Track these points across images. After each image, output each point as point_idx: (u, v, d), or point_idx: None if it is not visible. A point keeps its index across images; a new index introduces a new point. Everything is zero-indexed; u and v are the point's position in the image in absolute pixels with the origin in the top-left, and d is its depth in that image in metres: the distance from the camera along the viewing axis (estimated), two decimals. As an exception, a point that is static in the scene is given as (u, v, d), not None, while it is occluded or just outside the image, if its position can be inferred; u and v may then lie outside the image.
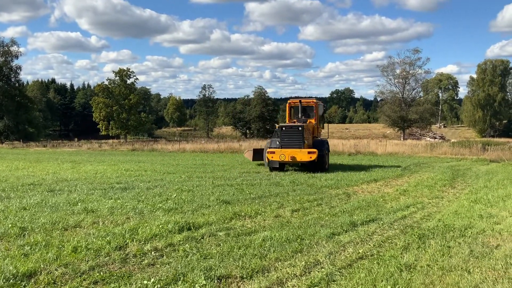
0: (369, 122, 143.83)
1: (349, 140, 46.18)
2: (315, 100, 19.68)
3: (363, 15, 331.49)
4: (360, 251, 6.18)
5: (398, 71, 73.10)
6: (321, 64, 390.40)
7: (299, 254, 5.96)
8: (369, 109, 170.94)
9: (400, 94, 73.49)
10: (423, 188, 13.01)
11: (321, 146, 17.86)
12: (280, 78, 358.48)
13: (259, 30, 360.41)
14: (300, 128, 17.17)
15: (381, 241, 6.78)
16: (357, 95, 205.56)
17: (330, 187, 12.91)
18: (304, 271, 5.30)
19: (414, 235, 7.06)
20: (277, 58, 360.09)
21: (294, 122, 18.27)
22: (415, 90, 75.09)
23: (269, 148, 17.77)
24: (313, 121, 19.03)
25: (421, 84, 75.18)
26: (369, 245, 6.56)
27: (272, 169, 17.52)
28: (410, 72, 72.18)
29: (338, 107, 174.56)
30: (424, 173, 17.71)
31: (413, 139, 67.06)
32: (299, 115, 18.68)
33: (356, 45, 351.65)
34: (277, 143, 17.65)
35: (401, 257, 5.87)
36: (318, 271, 5.30)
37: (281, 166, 17.63)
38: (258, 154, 21.04)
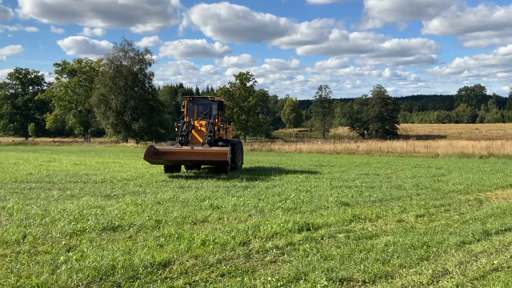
0: (503, 122, 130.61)
1: (480, 142, 42.24)
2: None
3: (496, 6, 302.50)
4: (494, 262, 5.66)
5: (539, 64, 65.15)
6: (447, 59, 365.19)
7: (426, 262, 5.65)
8: (503, 107, 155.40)
9: (542, 90, 65.38)
10: None
11: None
12: (401, 76, 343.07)
13: (378, 27, 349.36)
14: None
15: (520, 254, 6.13)
16: (489, 92, 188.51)
17: (459, 192, 12.00)
18: (432, 280, 5.02)
19: (561, 249, 6.26)
20: (398, 55, 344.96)
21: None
22: (561, 85, 66.20)
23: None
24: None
25: None
26: (505, 256, 5.97)
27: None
28: (555, 65, 63.84)
29: (467, 106, 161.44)
30: None
31: (558, 140, 59.16)
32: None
33: (488, 38, 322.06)
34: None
35: (545, 272, 5.25)
36: (447, 281, 4.98)
37: None
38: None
